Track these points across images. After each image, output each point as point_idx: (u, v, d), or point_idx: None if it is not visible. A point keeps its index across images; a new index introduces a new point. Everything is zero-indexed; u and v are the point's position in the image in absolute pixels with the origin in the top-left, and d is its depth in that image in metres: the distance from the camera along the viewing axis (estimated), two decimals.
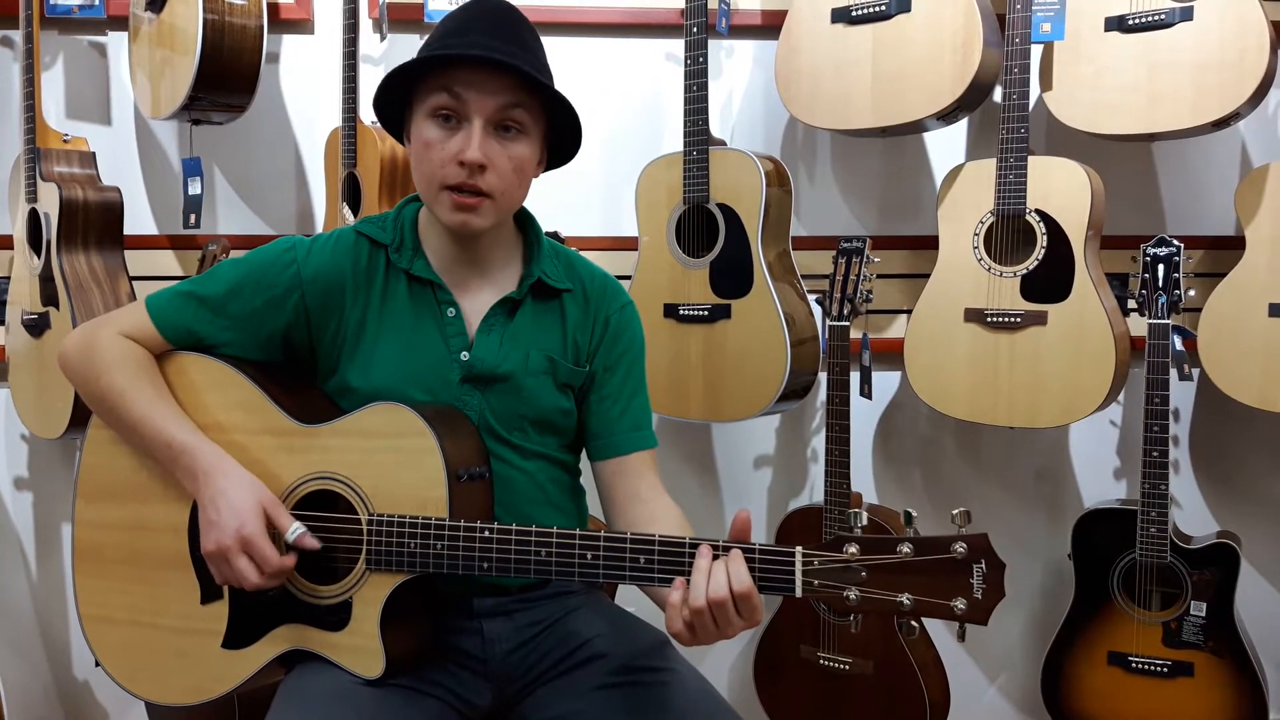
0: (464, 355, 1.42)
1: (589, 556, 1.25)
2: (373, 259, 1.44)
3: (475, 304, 1.45)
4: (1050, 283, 2.12)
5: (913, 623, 1.20)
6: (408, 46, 2.47)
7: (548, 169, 1.49)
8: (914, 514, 1.19)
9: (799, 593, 1.17)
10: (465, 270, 1.45)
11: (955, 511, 1.16)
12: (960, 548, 1.13)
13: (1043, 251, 2.12)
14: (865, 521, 1.20)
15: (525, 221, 1.52)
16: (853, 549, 1.15)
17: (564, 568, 1.26)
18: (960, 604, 1.13)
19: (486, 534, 1.28)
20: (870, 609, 1.15)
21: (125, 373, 1.38)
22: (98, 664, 1.45)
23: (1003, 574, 1.13)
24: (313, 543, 1.31)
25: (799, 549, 1.18)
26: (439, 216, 1.39)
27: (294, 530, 1.31)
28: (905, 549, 1.14)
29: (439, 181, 1.36)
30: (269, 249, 1.45)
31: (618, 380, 1.51)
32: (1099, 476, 2.57)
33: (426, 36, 1.44)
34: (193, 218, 2.38)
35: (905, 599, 1.14)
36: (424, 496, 1.30)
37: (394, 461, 1.32)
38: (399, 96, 1.41)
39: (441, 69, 1.34)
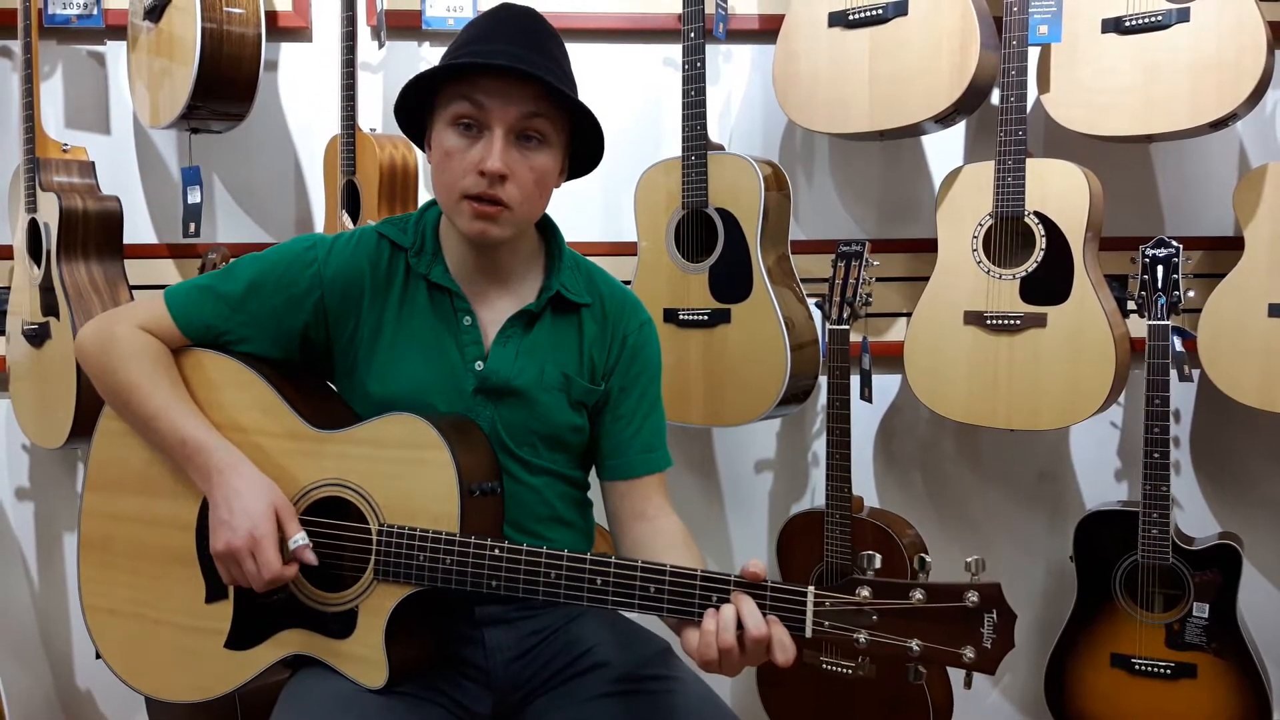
0: (478, 365, 1.41)
1: (598, 582, 1.24)
2: (393, 262, 1.43)
3: (492, 313, 1.44)
4: (1049, 285, 2.12)
5: (920, 668, 1.19)
6: (406, 54, 2.47)
7: (569, 178, 1.48)
8: (928, 559, 1.20)
9: (809, 633, 1.16)
10: (484, 279, 1.44)
11: (969, 559, 1.15)
12: (973, 597, 1.12)
13: (1041, 254, 2.12)
14: (879, 565, 1.19)
15: (548, 230, 1.50)
16: (865, 592, 1.15)
17: (573, 591, 1.25)
18: (969, 653, 1.12)
19: (496, 552, 1.27)
20: (879, 653, 1.14)
21: (142, 366, 1.38)
22: (98, 656, 1.45)
23: (1013, 625, 1.12)
24: (311, 558, 1.31)
25: (811, 589, 1.17)
26: (458, 225, 1.37)
27: (296, 540, 1.30)
28: (918, 595, 1.13)
29: (459, 191, 1.34)
30: (290, 246, 1.44)
31: (632, 401, 1.50)
32: (1100, 478, 2.57)
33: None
34: (192, 226, 2.38)
35: (915, 645, 1.13)
36: (435, 510, 1.30)
37: (407, 473, 1.32)
38: (421, 103, 1.40)
39: (464, 77, 1.32)
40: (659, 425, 1.53)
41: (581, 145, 1.43)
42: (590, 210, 2.53)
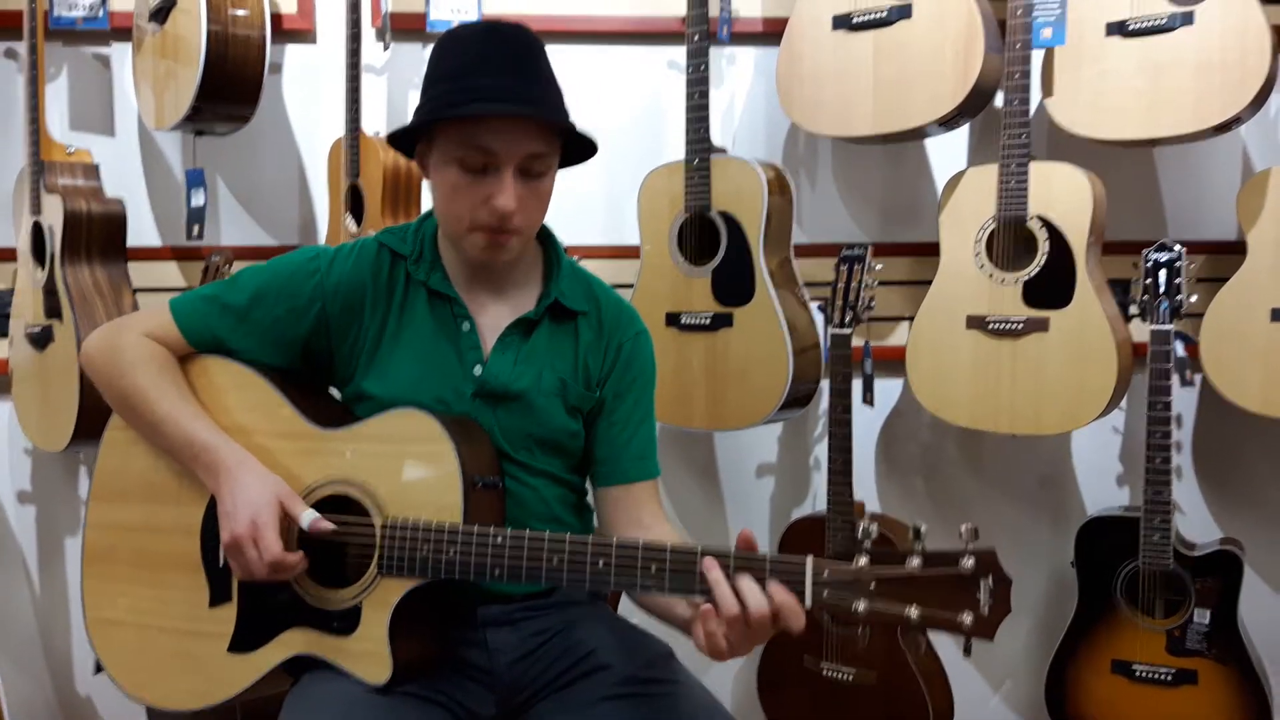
0: (477, 370, 1.43)
1: (600, 564, 1.25)
2: (394, 270, 1.46)
3: (491, 320, 1.46)
4: (1052, 289, 2.12)
5: (919, 636, 1.20)
6: (411, 56, 2.47)
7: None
8: (923, 529, 1.19)
9: (809, 603, 1.17)
10: (482, 287, 1.46)
11: (964, 527, 1.16)
12: (969, 563, 1.13)
13: (1044, 258, 2.12)
14: (876, 534, 1.20)
15: (546, 239, 1.52)
16: (863, 561, 1.16)
17: (575, 575, 1.26)
18: (967, 618, 1.12)
19: (499, 540, 1.28)
20: (878, 621, 1.15)
21: (149, 373, 1.40)
22: (98, 671, 1.45)
23: (1010, 590, 1.13)
24: (327, 526, 1.31)
25: (809, 558, 1.18)
26: (466, 251, 1.40)
27: (305, 518, 1.31)
28: (914, 562, 1.14)
29: (468, 222, 1.36)
30: (293, 257, 1.47)
31: (627, 408, 1.51)
32: (1102, 483, 2.57)
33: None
34: (196, 229, 2.38)
35: (913, 612, 1.14)
36: (439, 503, 1.31)
37: (410, 467, 1.33)
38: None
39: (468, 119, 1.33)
40: (650, 434, 1.54)
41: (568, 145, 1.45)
42: (592, 213, 2.53)
